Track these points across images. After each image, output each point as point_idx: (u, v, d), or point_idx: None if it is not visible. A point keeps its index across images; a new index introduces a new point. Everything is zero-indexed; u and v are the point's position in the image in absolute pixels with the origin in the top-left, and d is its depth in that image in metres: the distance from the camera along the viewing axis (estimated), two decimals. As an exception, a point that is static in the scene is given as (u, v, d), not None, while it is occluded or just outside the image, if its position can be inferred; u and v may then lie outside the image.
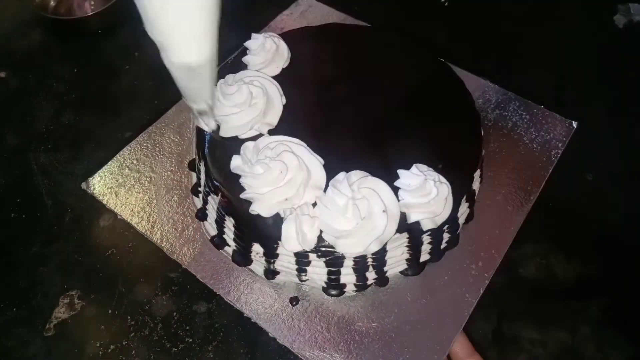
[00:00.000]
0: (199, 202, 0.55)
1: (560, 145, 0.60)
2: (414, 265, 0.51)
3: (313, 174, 0.47)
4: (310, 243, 0.45)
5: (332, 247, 0.45)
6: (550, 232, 0.60)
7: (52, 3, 0.83)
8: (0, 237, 0.61)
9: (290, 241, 0.45)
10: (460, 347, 0.49)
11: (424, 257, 0.51)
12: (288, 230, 0.45)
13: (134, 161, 0.59)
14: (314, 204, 0.46)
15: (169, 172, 0.58)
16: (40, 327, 0.54)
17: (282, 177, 0.45)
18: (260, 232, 0.47)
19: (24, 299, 0.56)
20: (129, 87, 0.75)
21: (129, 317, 0.54)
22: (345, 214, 0.44)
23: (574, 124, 0.61)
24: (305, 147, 0.48)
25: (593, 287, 0.57)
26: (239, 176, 0.47)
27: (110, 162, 0.59)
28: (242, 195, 0.46)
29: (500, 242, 0.53)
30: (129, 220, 0.55)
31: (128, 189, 0.57)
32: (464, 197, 0.50)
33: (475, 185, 0.54)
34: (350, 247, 0.45)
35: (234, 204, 0.48)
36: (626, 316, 0.56)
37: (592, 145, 0.67)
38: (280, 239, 0.46)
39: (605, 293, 0.57)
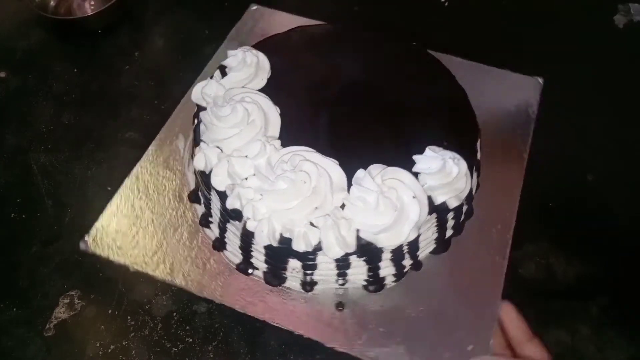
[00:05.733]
0: (212, 233, 0.53)
1: (534, 102, 0.62)
2: (442, 243, 0.52)
3: (334, 177, 0.47)
4: (351, 245, 0.45)
5: (371, 243, 0.45)
6: (550, 232, 0.60)
7: (51, 3, 0.83)
8: (1, 237, 0.61)
9: (332, 248, 0.45)
10: (519, 331, 0.49)
11: (449, 232, 0.52)
12: (327, 238, 0.45)
13: (129, 207, 0.55)
14: (342, 207, 0.46)
15: (169, 210, 0.55)
16: (40, 327, 0.54)
17: (308, 186, 0.45)
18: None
19: (24, 299, 0.56)
20: (129, 87, 0.75)
21: (129, 317, 0.54)
22: (378, 209, 0.44)
23: (540, 80, 0.64)
24: (317, 153, 0.48)
25: (593, 287, 0.57)
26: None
27: (102, 215, 0.55)
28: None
29: (510, 202, 0.54)
30: (144, 270, 0.52)
31: (132, 237, 0.53)
32: (473, 168, 0.51)
33: (479, 155, 0.55)
34: (390, 240, 0.45)
35: None
36: (626, 316, 0.56)
37: (592, 146, 0.67)
38: (320, 249, 0.45)
39: (605, 293, 0.57)
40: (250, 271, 0.51)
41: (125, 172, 0.64)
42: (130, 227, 0.54)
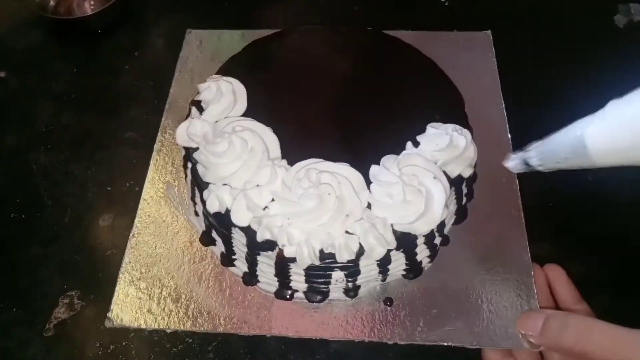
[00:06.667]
0: (238, 270, 0.51)
1: (490, 54, 0.65)
2: (461, 212, 0.53)
3: (352, 181, 0.46)
4: (392, 241, 0.45)
5: (409, 233, 0.45)
6: (550, 232, 0.60)
7: (51, 3, 0.83)
8: (0, 237, 0.61)
9: (375, 249, 0.45)
10: (568, 294, 0.50)
11: (463, 200, 0.53)
12: (368, 241, 0.44)
13: (141, 271, 0.52)
14: (368, 207, 0.46)
15: (185, 261, 0.52)
16: (40, 327, 0.54)
17: (333, 197, 0.44)
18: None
19: (23, 299, 0.56)
20: (129, 87, 0.75)
21: (128, 317, 0.54)
22: (407, 199, 0.44)
23: (489, 32, 0.67)
24: (327, 162, 0.48)
25: (593, 287, 0.57)
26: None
27: (118, 284, 0.51)
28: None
29: (504, 155, 0.54)
30: (184, 328, 0.48)
31: (157, 301, 0.50)
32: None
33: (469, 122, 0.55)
34: (426, 225, 0.45)
35: None
36: (626, 316, 0.56)
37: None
38: (362, 254, 0.45)
39: (605, 293, 0.57)
40: (289, 295, 0.50)
41: (125, 172, 0.64)
42: (151, 291, 0.51)
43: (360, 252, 0.45)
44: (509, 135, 0.58)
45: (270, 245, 0.46)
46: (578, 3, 0.83)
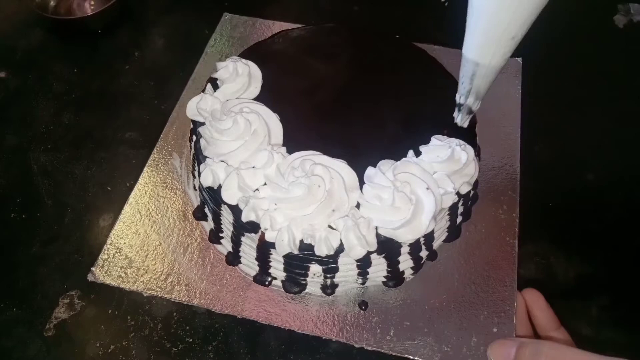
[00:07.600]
0: (223, 248, 0.53)
1: (517, 82, 0.64)
2: (454, 230, 0.52)
3: (345, 178, 0.47)
4: (373, 244, 0.45)
5: (391, 239, 0.45)
6: (550, 232, 0.60)
7: (51, 3, 0.83)
8: (0, 237, 0.61)
9: (354, 249, 0.45)
10: (547, 319, 0.50)
11: (459, 219, 0.52)
12: (349, 239, 0.44)
13: (133, 233, 0.54)
14: (357, 206, 0.46)
15: (176, 230, 0.54)
16: (40, 327, 0.54)
17: (322, 190, 0.44)
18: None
19: (24, 299, 0.56)
20: (129, 87, 0.75)
21: (129, 317, 0.54)
22: (395, 204, 0.44)
23: (519, 60, 0.66)
24: (324, 155, 0.48)
25: (593, 287, 0.57)
26: None
27: (107, 244, 0.53)
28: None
29: (510, 182, 0.56)
30: (159, 295, 0.50)
31: (141, 263, 0.52)
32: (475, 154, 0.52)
33: (478, 141, 0.55)
34: (410, 234, 0.45)
35: None
36: (627, 316, 0.56)
37: (592, 145, 0.67)
38: (342, 251, 0.45)
39: (605, 293, 0.57)
40: (268, 281, 0.51)
41: (126, 171, 0.64)
42: (137, 253, 0.53)
43: (340, 249, 0.45)
44: (519, 164, 0.57)
45: (253, 227, 0.47)
46: (578, 3, 0.83)
